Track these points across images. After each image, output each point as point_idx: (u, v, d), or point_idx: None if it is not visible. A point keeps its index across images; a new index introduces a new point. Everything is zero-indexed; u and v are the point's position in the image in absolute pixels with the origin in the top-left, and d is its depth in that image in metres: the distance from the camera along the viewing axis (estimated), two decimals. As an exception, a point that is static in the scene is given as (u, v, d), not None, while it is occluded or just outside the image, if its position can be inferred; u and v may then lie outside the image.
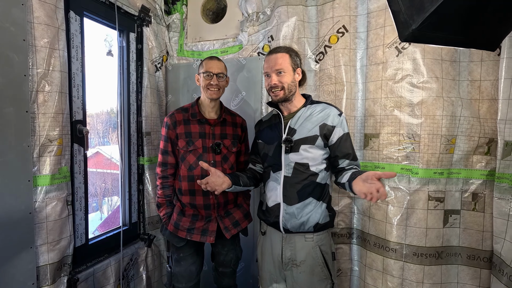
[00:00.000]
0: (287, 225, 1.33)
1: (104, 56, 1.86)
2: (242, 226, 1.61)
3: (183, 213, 1.56)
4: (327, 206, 1.35)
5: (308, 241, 1.32)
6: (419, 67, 1.48)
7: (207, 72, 1.52)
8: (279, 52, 1.33)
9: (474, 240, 1.48)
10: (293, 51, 1.36)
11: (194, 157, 1.53)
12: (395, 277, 1.56)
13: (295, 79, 1.34)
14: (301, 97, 1.40)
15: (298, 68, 1.34)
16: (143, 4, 1.97)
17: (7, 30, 1.20)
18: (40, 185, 1.35)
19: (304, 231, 1.32)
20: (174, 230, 1.54)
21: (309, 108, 1.35)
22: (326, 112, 1.32)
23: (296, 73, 1.34)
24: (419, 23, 0.71)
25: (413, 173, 1.51)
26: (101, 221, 11.01)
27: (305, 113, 1.34)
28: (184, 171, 1.53)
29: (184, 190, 1.54)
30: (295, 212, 1.31)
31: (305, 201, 1.31)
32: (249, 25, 2.02)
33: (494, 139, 1.43)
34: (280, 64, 1.30)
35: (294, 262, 1.34)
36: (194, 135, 1.54)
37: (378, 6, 1.60)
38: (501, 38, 0.84)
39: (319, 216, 1.31)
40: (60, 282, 1.46)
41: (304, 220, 1.30)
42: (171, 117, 1.56)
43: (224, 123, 1.60)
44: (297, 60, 1.34)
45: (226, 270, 1.66)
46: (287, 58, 1.31)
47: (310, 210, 1.31)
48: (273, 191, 1.37)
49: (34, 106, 1.33)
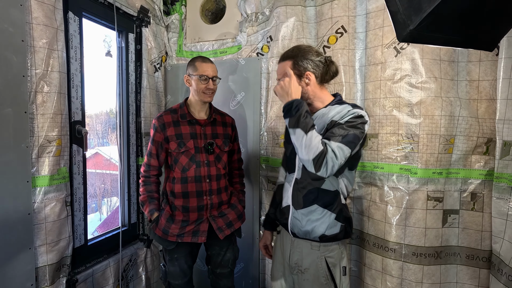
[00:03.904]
0: (294, 230, 1.29)
1: (103, 57, 1.87)
2: (235, 226, 1.60)
3: (172, 219, 1.52)
4: (337, 217, 1.24)
5: (314, 249, 1.26)
6: (417, 67, 1.49)
7: (203, 76, 1.50)
8: (281, 61, 1.28)
9: (473, 240, 1.48)
10: (301, 54, 1.24)
11: (187, 158, 1.51)
12: (394, 277, 1.56)
13: (303, 86, 1.24)
14: (326, 98, 1.29)
15: (307, 72, 1.22)
16: (142, 4, 1.97)
17: (5, 30, 1.20)
18: (39, 186, 1.35)
19: (310, 239, 1.26)
20: (163, 236, 1.52)
21: (330, 108, 1.23)
22: (338, 110, 1.20)
23: (304, 78, 1.23)
24: (417, 23, 0.71)
25: (412, 173, 1.51)
26: (100, 221, 10.99)
27: (322, 114, 1.24)
28: (178, 173, 1.52)
29: (177, 192, 1.52)
30: (300, 218, 1.26)
31: (310, 207, 1.24)
32: (248, 25, 2.02)
33: (492, 139, 1.43)
34: (281, 74, 1.27)
35: (299, 268, 1.29)
36: (185, 136, 1.52)
37: (376, 7, 1.60)
38: (499, 38, 0.84)
39: (325, 227, 1.23)
40: (59, 283, 1.46)
41: (308, 229, 1.24)
42: (159, 119, 1.54)
43: (214, 123, 1.60)
44: (305, 64, 1.22)
45: (224, 271, 1.65)
46: (289, 65, 1.24)
47: (316, 218, 1.23)
48: (286, 193, 1.34)
49: (33, 107, 1.33)
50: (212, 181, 1.54)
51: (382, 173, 1.60)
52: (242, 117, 2.05)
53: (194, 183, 1.51)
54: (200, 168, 1.52)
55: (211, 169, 1.54)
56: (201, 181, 1.52)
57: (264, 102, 1.99)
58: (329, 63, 1.26)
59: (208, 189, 1.53)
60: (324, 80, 1.28)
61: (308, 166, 1.11)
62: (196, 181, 1.51)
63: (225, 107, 2.06)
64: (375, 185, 1.63)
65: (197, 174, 1.51)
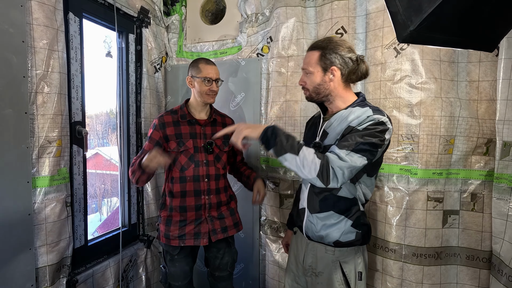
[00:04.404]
0: (308, 233, 1.26)
1: (103, 57, 1.86)
2: (229, 233, 1.59)
3: (170, 221, 1.53)
4: (354, 224, 1.19)
5: (328, 253, 1.22)
6: (417, 68, 1.49)
7: (207, 78, 1.51)
8: (310, 50, 1.20)
9: (473, 241, 1.48)
10: (331, 47, 1.15)
11: (186, 157, 1.52)
12: (394, 278, 1.56)
13: (326, 80, 1.17)
14: (350, 97, 1.21)
15: (333, 66, 1.15)
16: (142, 5, 1.97)
17: (6, 31, 1.20)
18: (39, 187, 1.35)
19: (325, 243, 1.22)
20: (167, 241, 1.53)
21: (351, 110, 1.15)
22: (358, 114, 1.12)
23: (329, 72, 1.16)
24: (417, 24, 0.71)
25: (412, 174, 1.51)
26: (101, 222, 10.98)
27: (341, 116, 1.16)
28: (176, 172, 1.52)
29: (175, 192, 1.52)
30: (315, 222, 1.22)
31: (326, 213, 1.19)
32: (248, 26, 2.02)
33: (492, 140, 1.43)
34: (307, 64, 1.20)
35: (314, 271, 1.25)
36: (185, 136, 1.53)
37: (376, 7, 1.60)
38: (499, 39, 0.84)
39: (340, 233, 1.18)
40: (59, 283, 1.46)
41: (322, 234, 1.20)
42: (160, 119, 1.56)
43: (214, 123, 1.62)
44: (332, 58, 1.14)
45: (223, 274, 1.64)
46: (316, 56, 1.17)
47: (331, 224, 1.19)
48: (302, 195, 1.31)
49: (33, 108, 1.33)
50: (210, 181, 1.55)
51: (382, 174, 1.60)
52: (242, 118, 2.05)
53: (192, 182, 1.52)
54: (199, 168, 1.53)
55: (210, 168, 1.55)
56: (199, 181, 1.52)
57: (264, 102, 1.99)
58: (360, 62, 1.17)
59: (206, 188, 1.54)
60: (350, 79, 1.19)
61: (316, 183, 1.06)
62: (194, 180, 1.52)
63: (225, 108, 2.06)
64: (375, 185, 1.63)
65: (196, 174, 1.52)
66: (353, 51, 1.18)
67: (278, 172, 1.93)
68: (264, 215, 2.02)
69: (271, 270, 1.99)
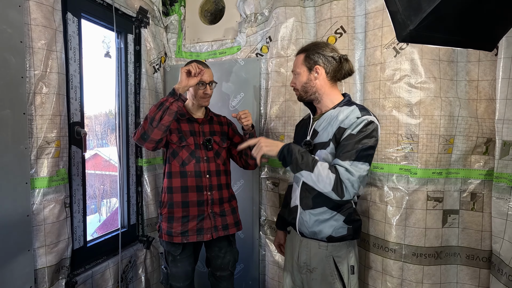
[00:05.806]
0: (301, 229, 1.30)
1: (102, 58, 1.86)
2: (230, 231, 1.60)
3: (172, 218, 1.53)
4: (346, 219, 1.25)
5: (321, 249, 1.27)
6: (417, 68, 1.49)
7: (201, 82, 1.53)
8: (297, 54, 1.33)
9: (473, 240, 1.48)
10: (314, 48, 1.26)
11: (187, 152, 1.54)
12: (394, 278, 1.56)
13: (312, 79, 1.26)
14: (336, 97, 1.28)
15: (317, 65, 1.24)
16: (141, 5, 1.97)
17: (4, 32, 1.20)
18: (37, 188, 1.35)
19: (318, 239, 1.27)
20: (169, 239, 1.52)
21: (339, 110, 1.23)
22: (347, 113, 1.19)
23: (314, 71, 1.25)
24: (416, 23, 0.71)
25: (412, 173, 1.51)
26: (100, 223, 10.96)
27: (330, 116, 1.24)
28: (176, 167, 1.53)
29: (175, 187, 1.53)
30: (308, 218, 1.26)
31: (320, 209, 1.24)
32: (247, 26, 2.02)
33: (492, 139, 1.43)
34: (294, 66, 1.32)
35: (308, 268, 1.30)
36: (186, 133, 1.57)
37: (376, 7, 1.60)
38: (498, 38, 0.84)
39: (332, 229, 1.24)
40: (58, 285, 1.45)
41: (315, 230, 1.25)
42: None
43: (211, 121, 1.66)
44: (315, 58, 1.24)
45: (224, 274, 1.65)
46: (302, 58, 1.28)
47: (324, 219, 1.24)
48: (294, 193, 1.36)
49: (32, 108, 1.32)
50: (212, 177, 1.56)
51: (382, 174, 1.60)
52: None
53: (194, 177, 1.53)
54: (200, 164, 1.55)
55: (211, 164, 1.57)
56: (201, 176, 1.54)
57: (264, 102, 1.99)
58: (343, 61, 1.25)
59: (208, 184, 1.55)
60: (336, 77, 1.28)
61: (332, 196, 1.13)
62: (196, 175, 1.53)
63: (224, 108, 2.06)
64: (375, 185, 1.63)
65: (197, 169, 1.54)
66: (336, 51, 1.27)
67: (278, 172, 1.93)
68: (263, 215, 2.01)
69: (271, 270, 1.99)
